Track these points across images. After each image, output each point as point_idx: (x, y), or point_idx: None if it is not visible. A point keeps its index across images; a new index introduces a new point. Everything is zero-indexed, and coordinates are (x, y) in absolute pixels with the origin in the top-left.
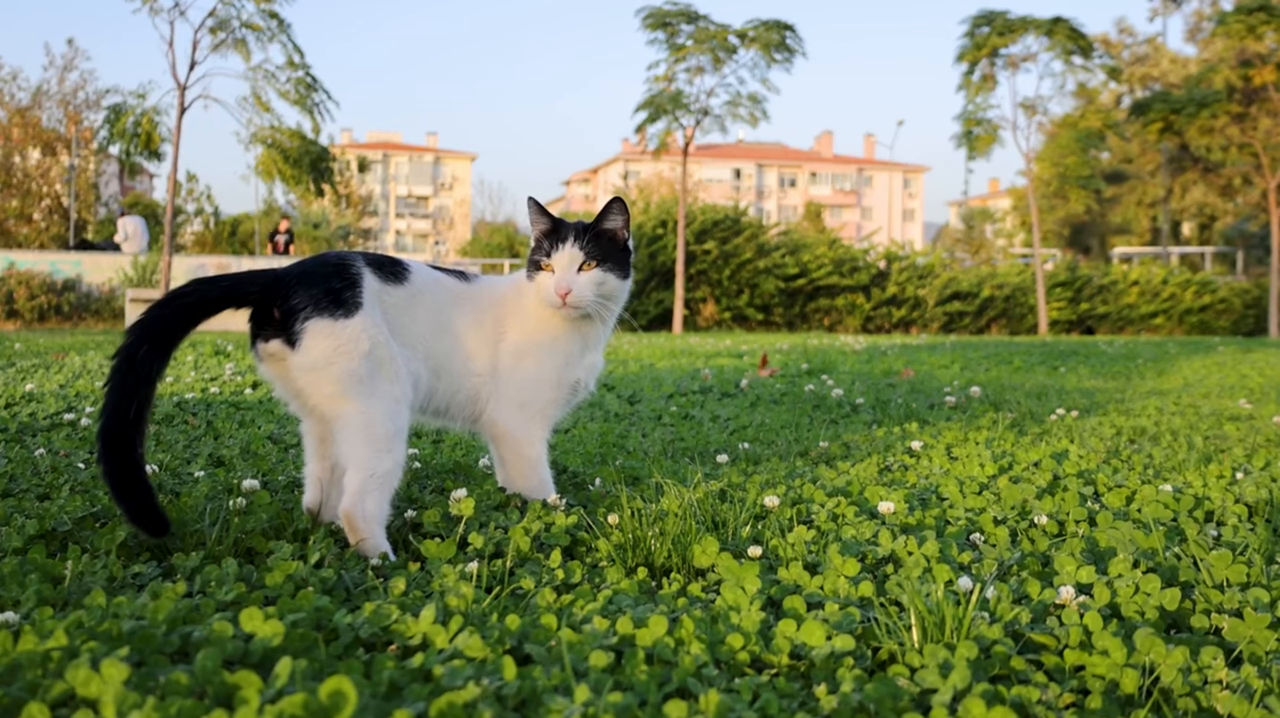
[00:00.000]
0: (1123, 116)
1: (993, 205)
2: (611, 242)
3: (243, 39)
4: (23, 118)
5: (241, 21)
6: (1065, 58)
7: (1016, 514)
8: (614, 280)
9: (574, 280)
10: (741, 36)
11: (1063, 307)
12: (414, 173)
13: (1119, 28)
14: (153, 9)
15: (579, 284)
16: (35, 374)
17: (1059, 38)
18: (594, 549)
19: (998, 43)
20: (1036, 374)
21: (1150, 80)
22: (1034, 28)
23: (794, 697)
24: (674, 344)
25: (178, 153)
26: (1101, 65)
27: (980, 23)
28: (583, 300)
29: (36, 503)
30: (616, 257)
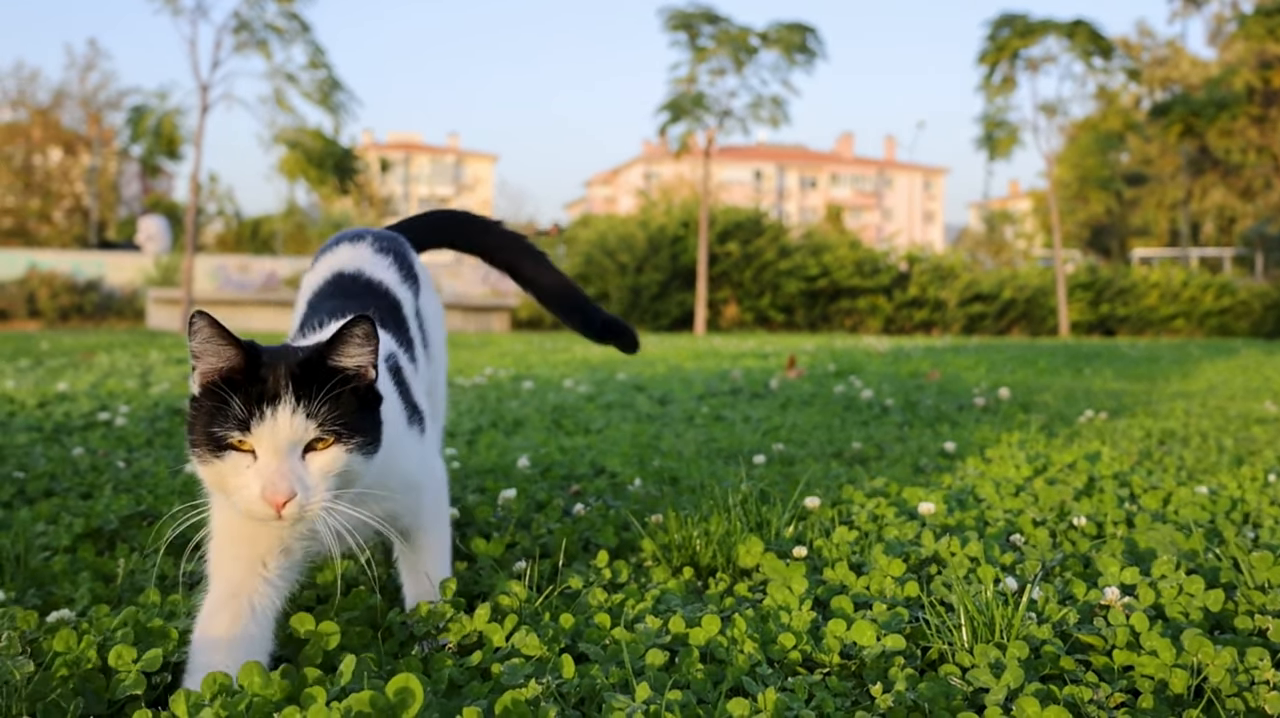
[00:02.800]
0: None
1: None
2: (354, 395)
3: (265, 40)
4: (44, 118)
5: (264, 22)
6: (1085, 60)
7: (1055, 516)
8: (359, 462)
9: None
10: (763, 38)
11: (1083, 309)
12: (436, 173)
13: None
14: (174, 10)
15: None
16: (65, 374)
17: (1079, 40)
18: (639, 549)
19: (1018, 45)
20: (1062, 376)
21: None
22: (1054, 30)
23: (847, 696)
24: (698, 345)
25: (200, 153)
26: (1122, 67)
27: (1001, 25)
28: (313, 509)
29: (80, 502)
30: (365, 421)
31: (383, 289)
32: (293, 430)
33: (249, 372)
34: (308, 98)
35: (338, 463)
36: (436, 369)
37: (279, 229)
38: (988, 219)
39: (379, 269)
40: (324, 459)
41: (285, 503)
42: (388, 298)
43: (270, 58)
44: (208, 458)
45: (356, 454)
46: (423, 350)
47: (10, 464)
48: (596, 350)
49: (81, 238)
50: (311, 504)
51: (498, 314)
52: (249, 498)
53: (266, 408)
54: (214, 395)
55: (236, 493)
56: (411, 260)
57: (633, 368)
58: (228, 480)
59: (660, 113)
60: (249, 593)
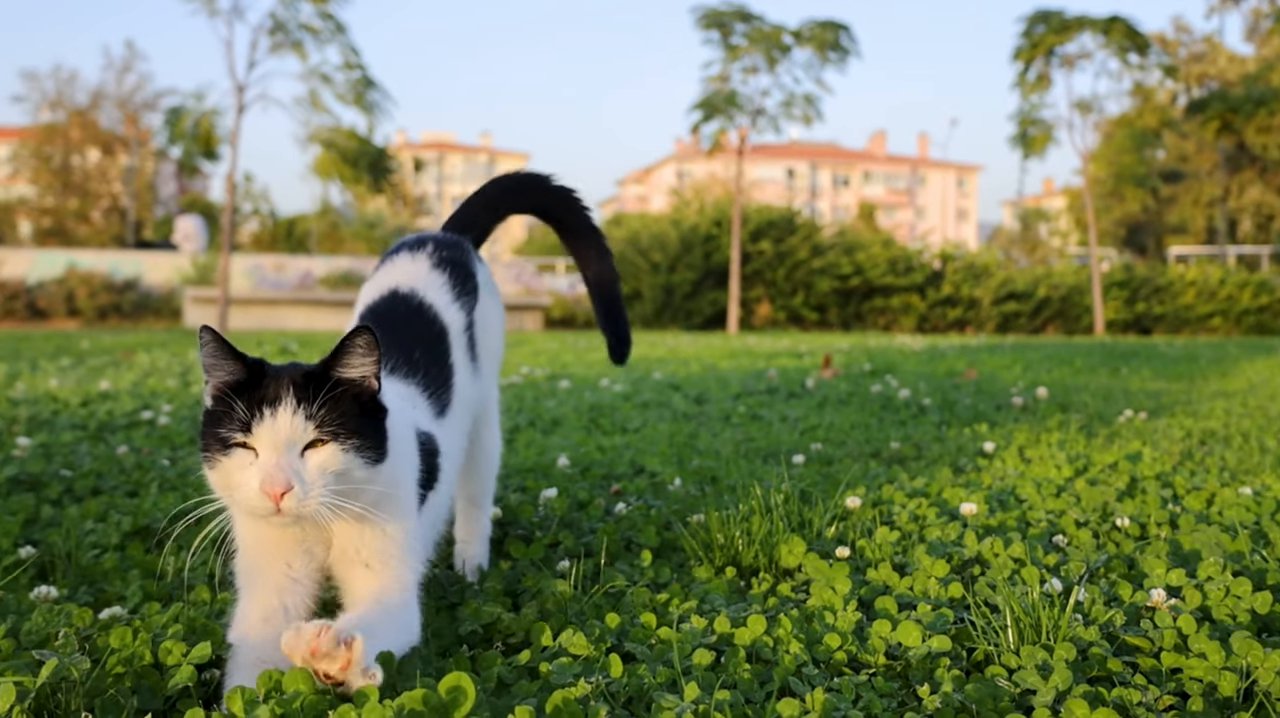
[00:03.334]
0: (1179, 115)
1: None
2: (354, 401)
3: (300, 41)
4: (82, 119)
5: (299, 23)
6: (1121, 56)
7: (1098, 517)
8: (361, 466)
9: (297, 471)
10: (796, 36)
11: (1119, 307)
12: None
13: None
14: (211, 11)
15: (306, 476)
16: (106, 372)
17: (1115, 36)
18: (681, 549)
19: (1054, 41)
20: (1099, 376)
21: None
22: (1090, 26)
23: (893, 696)
24: (732, 344)
25: (236, 153)
26: (1158, 64)
27: (1036, 21)
28: (311, 504)
29: (127, 500)
30: (365, 426)
31: (431, 314)
32: (291, 429)
33: (252, 381)
34: (342, 98)
35: (334, 460)
36: (485, 386)
37: (314, 228)
38: (1022, 217)
39: (433, 289)
40: (321, 456)
41: (282, 495)
42: (435, 324)
43: (305, 58)
44: (216, 458)
45: (354, 455)
46: (468, 371)
47: (57, 462)
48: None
49: (119, 237)
50: (309, 499)
51: (531, 313)
52: (249, 493)
53: (267, 409)
54: (221, 403)
55: (239, 490)
56: (471, 268)
57: (668, 367)
58: (232, 477)
59: (693, 111)
60: (279, 593)
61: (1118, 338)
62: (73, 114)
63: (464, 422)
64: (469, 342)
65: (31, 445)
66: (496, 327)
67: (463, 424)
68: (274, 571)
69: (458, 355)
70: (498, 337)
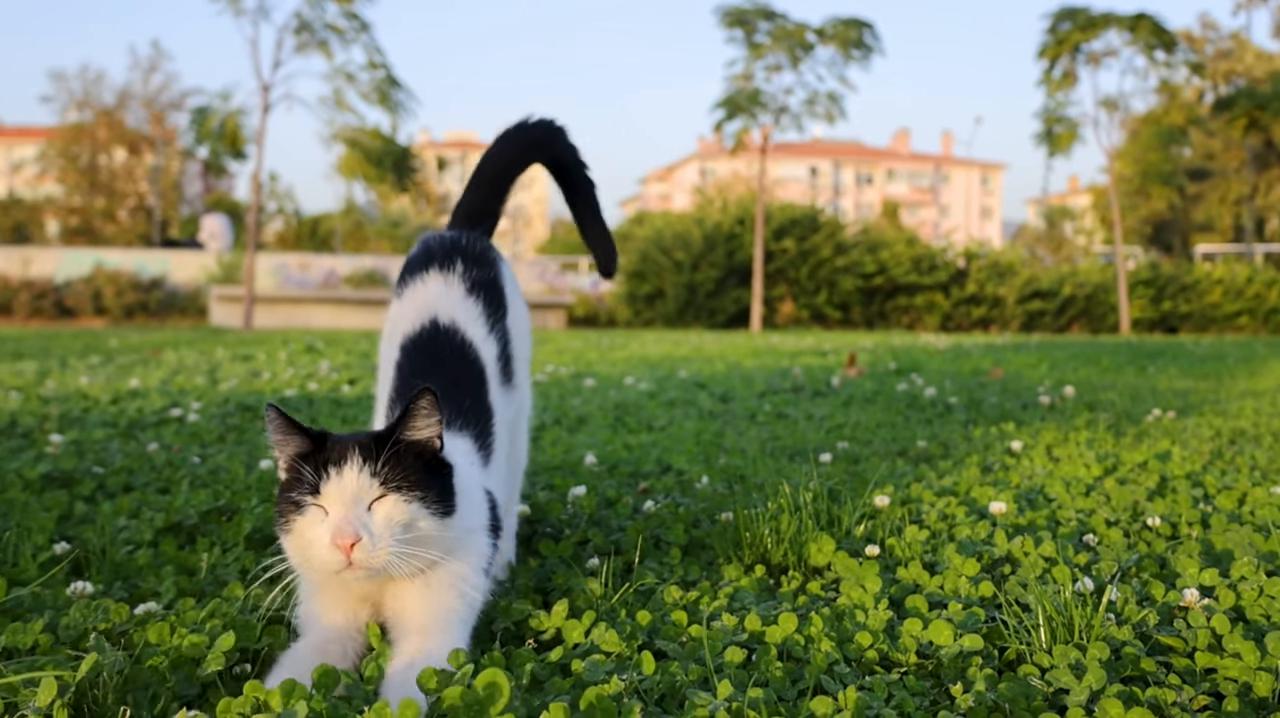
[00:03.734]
0: (1206, 113)
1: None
2: (418, 458)
3: (325, 40)
4: (108, 119)
5: (324, 23)
6: (1148, 53)
7: (1128, 516)
8: (426, 517)
9: (364, 522)
10: (820, 34)
11: (1145, 306)
12: None
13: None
14: (237, 11)
15: (374, 528)
16: (135, 370)
17: (1142, 33)
18: (709, 547)
19: (1079, 38)
20: (1126, 374)
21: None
22: (1116, 23)
23: (926, 695)
24: (755, 343)
25: (262, 152)
26: (1185, 61)
27: (1062, 18)
28: (380, 555)
29: (159, 497)
30: (430, 481)
31: (473, 355)
32: (357, 486)
33: (317, 449)
34: (366, 97)
35: (399, 511)
36: (518, 397)
37: (338, 227)
38: (1047, 215)
39: (470, 321)
40: (386, 508)
41: (352, 546)
42: (476, 365)
43: (331, 58)
44: (290, 519)
45: (419, 507)
46: (503, 399)
47: (89, 459)
48: (654, 349)
49: (145, 236)
50: (378, 551)
51: (554, 311)
52: (321, 548)
53: (333, 469)
54: (293, 471)
55: (312, 546)
56: (500, 280)
57: (693, 366)
58: (305, 535)
59: (716, 109)
60: (338, 640)
61: (1144, 337)
62: (100, 114)
63: (503, 461)
64: (503, 367)
65: (64, 442)
66: (524, 327)
67: (502, 466)
68: (336, 617)
69: (495, 394)
70: (525, 338)
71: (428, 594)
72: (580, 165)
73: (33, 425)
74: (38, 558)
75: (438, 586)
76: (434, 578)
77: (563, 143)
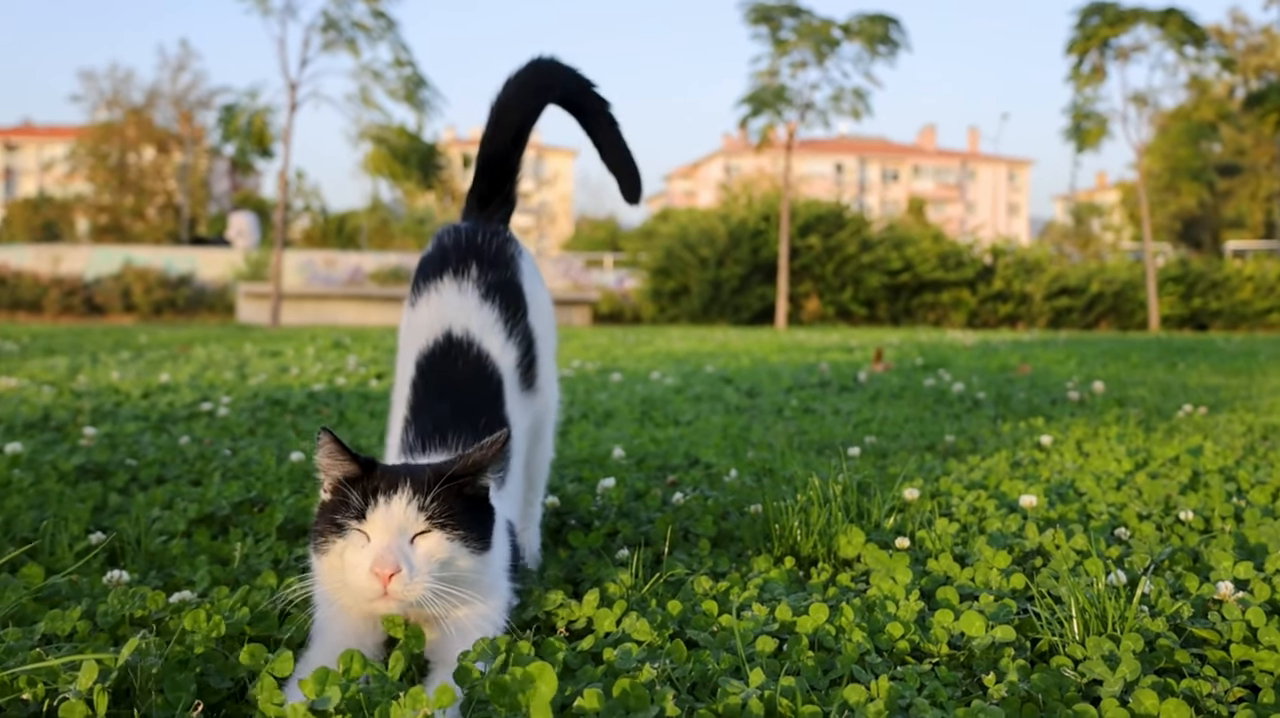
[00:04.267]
0: (1237, 108)
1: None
2: (468, 498)
3: (352, 38)
4: (137, 117)
5: (351, 21)
6: (1177, 49)
7: (1160, 510)
8: (463, 554)
9: (406, 554)
10: (845, 30)
11: (1174, 302)
12: None
13: (1233, 17)
14: (264, 10)
15: (415, 562)
16: (165, 365)
17: (1171, 28)
18: (739, 539)
19: (1108, 33)
20: (1155, 371)
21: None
22: (1145, 18)
23: (958, 685)
24: (781, 339)
25: (289, 150)
26: (1215, 56)
27: (1090, 13)
28: (416, 589)
29: (191, 488)
30: (473, 520)
31: (490, 369)
32: (404, 517)
33: (367, 475)
34: (393, 95)
35: (441, 549)
36: (542, 398)
37: (364, 225)
38: (1074, 212)
39: (486, 329)
40: (429, 544)
41: (391, 577)
42: (493, 379)
43: (357, 56)
44: (330, 540)
45: (459, 545)
46: (521, 408)
47: (122, 452)
48: (680, 345)
49: (174, 234)
50: (415, 584)
51: (579, 308)
52: (360, 574)
53: (381, 498)
54: (338, 494)
55: (351, 571)
56: (518, 277)
57: (719, 361)
58: (345, 557)
59: (741, 106)
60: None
61: (1173, 334)
62: (129, 113)
63: (519, 473)
64: (524, 372)
65: (97, 435)
66: (547, 322)
67: (518, 479)
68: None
69: (513, 406)
70: (550, 332)
71: (456, 636)
72: (588, 87)
73: (66, 419)
74: (74, 547)
75: (462, 628)
76: (459, 620)
77: (562, 76)
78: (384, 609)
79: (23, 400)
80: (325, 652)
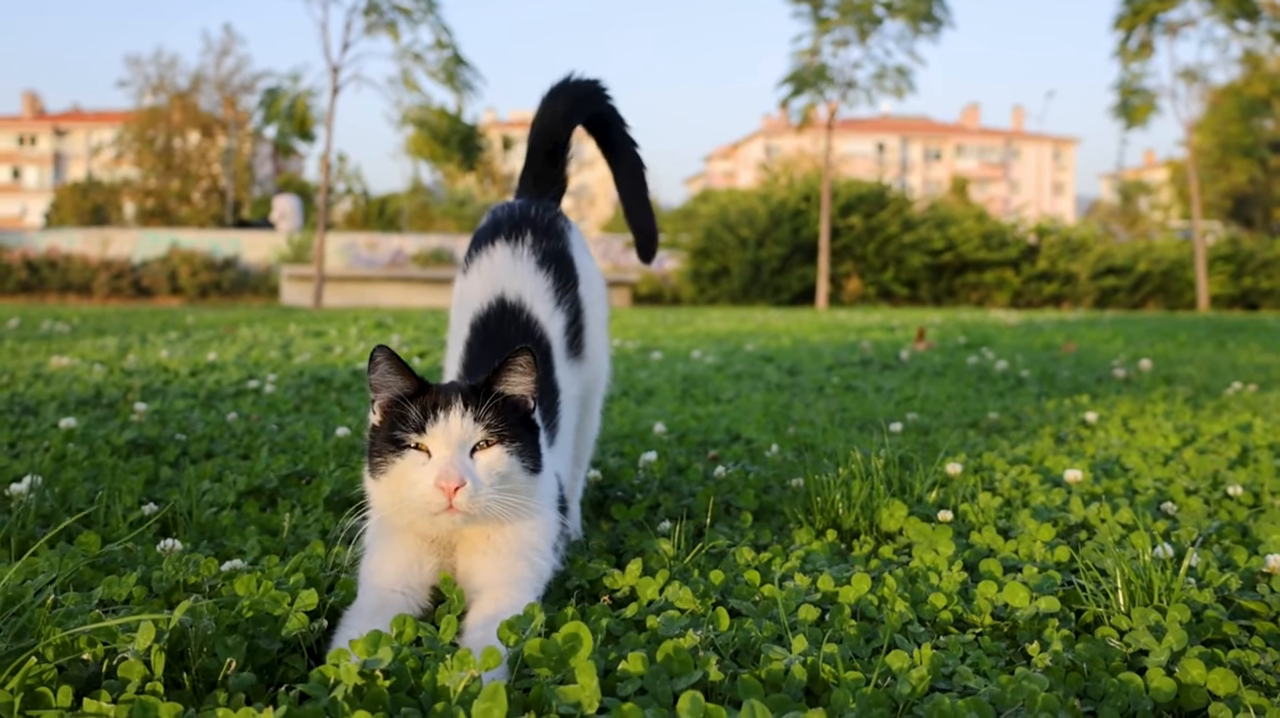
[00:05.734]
0: None
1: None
2: (515, 412)
3: (393, 21)
4: (182, 102)
5: (392, 4)
6: (1229, 23)
7: (1208, 485)
8: (520, 470)
9: (468, 468)
10: (888, 7)
11: (1224, 281)
12: None
13: None
14: None
15: (477, 474)
16: (211, 345)
17: (1222, 2)
18: (780, 513)
19: (1156, 8)
20: (1204, 349)
21: None
22: None
23: (1001, 655)
24: (821, 319)
25: (330, 133)
26: (1269, 30)
27: None
28: (481, 501)
29: (240, 462)
30: (525, 436)
31: (539, 333)
32: (463, 430)
33: (423, 392)
34: (433, 77)
35: (501, 461)
36: (592, 367)
37: (405, 207)
38: (1121, 190)
39: (538, 297)
40: (489, 457)
41: (456, 490)
42: (542, 342)
43: (398, 38)
44: (389, 460)
45: (516, 458)
46: (570, 374)
47: (172, 427)
48: (720, 325)
49: (218, 217)
50: (480, 496)
51: (618, 289)
52: (424, 490)
53: (440, 413)
54: (394, 411)
55: (413, 488)
56: (569, 249)
57: (759, 341)
58: (406, 475)
59: (782, 86)
60: (402, 592)
61: (1222, 313)
62: (174, 98)
63: (569, 438)
64: (572, 339)
65: (147, 411)
66: (598, 295)
67: (568, 444)
68: (401, 570)
69: (561, 371)
70: (600, 305)
71: (498, 557)
72: (622, 124)
73: (116, 396)
74: (127, 518)
75: (508, 550)
76: (503, 542)
77: (605, 101)
78: (447, 524)
79: (75, 379)
80: (385, 570)
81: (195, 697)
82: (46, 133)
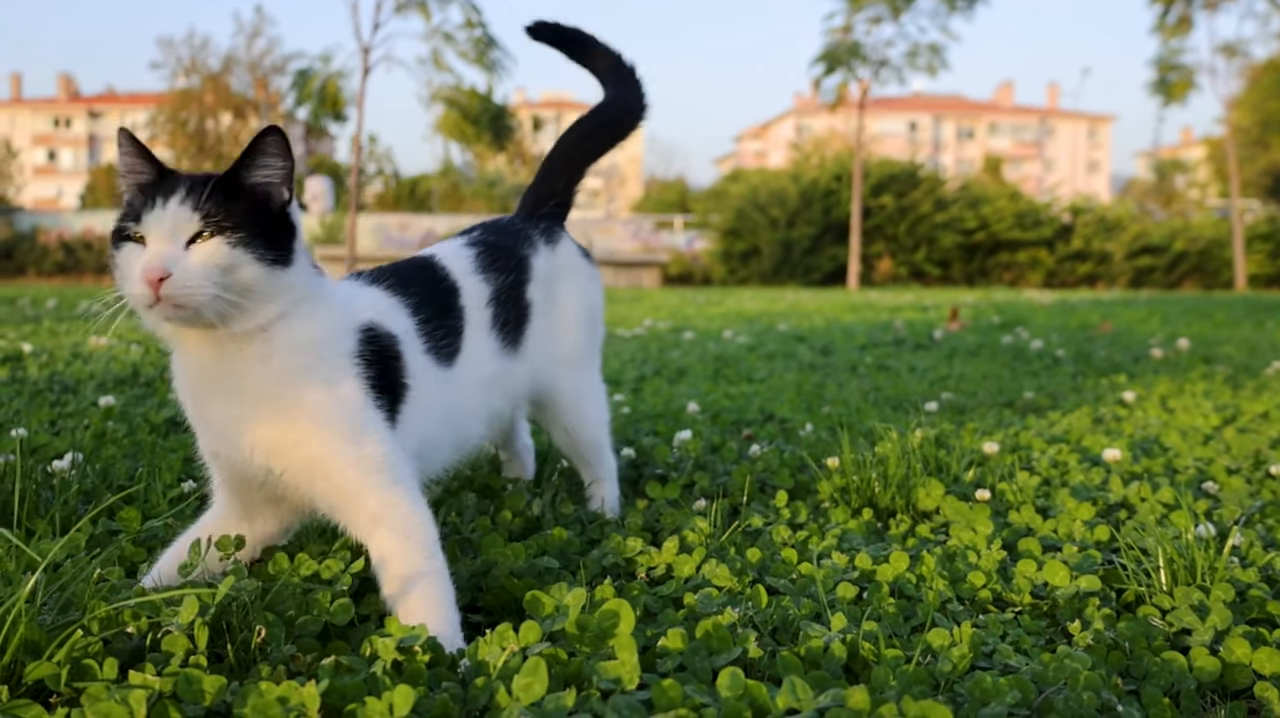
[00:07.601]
0: None
1: (1185, 155)
2: (255, 203)
3: (423, 1)
4: (214, 84)
5: None
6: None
7: (1250, 464)
8: (252, 266)
9: (177, 259)
10: None
11: (1263, 261)
12: None
13: None
14: None
15: (187, 266)
16: None
17: None
18: (815, 491)
19: None
20: (1243, 329)
21: None
22: None
23: (1041, 634)
24: (853, 299)
25: (361, 114)
26: None
27: None
28: (191, 292)
29: None
30: (264, 227)
31: (443, 273)
32: (176, 218)
33: (158, 179)
34: (464, 56)
35: (217, 254)
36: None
37: (435, 188)
38: (1158, 168)
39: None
40: (205, 249)
41: (160, 281)
42: (446, 281)
43: (429, 18)
44: (113, 255)
45: (242, 251)
46: (490, 342)
47: None
48: (751, 305)
49: None
50: (190, 289)
51: (648, 270)
52: (134, 283)
53: (159, 199)
54: (128, 202)
55: (127, 280)
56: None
57: (791, 320)
58: (123, 270)
59: (815, 64)
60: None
61: (1261, 293)
62: (206, 79)
63: (482, 389)
64: (503, 324)
65: None
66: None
67: (479, 391)
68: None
69: (474, 317)
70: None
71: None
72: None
73: (153, 375)
74: (167, 494)
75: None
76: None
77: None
78: (163, 318)
79: (113, 358)
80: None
81: (239, 669)
82: (81, 115)
